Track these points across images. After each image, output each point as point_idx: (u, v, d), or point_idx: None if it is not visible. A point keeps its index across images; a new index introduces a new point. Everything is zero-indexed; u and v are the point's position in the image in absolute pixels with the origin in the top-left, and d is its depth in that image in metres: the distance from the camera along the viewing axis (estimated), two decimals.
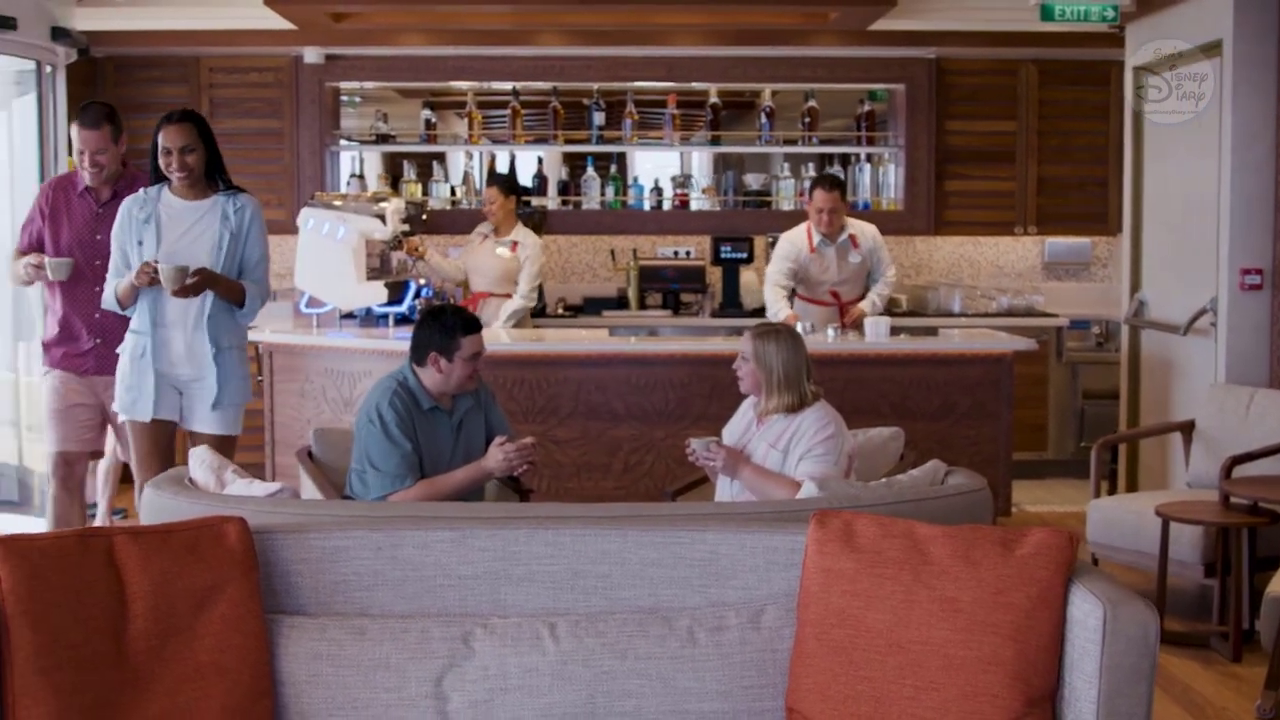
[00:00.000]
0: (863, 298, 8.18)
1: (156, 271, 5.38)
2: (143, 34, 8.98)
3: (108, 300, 5.60)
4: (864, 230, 8.13)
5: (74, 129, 6.00)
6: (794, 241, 8.09)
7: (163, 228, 5.56)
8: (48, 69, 6.91)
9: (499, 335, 8.02)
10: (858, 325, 7.91)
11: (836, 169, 9.98)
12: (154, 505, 3.70)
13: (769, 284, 8.06)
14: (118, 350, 5.77)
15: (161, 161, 5.55)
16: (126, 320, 5.73)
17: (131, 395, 5.65)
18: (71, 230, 6.07)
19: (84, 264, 6.03)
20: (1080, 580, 3.08)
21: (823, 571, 3.21)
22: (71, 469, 6.20)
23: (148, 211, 5.54)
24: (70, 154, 6.30)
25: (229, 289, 5.61)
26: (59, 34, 6.72)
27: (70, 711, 2.88)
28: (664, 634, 3.27)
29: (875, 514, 3.32)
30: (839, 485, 4.20)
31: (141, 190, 5.62)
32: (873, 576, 3.15)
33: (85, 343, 6.13)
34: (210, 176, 5.65)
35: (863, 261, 8.10)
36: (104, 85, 9.36)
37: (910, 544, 3.17)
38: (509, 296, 8.42)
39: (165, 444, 5.77)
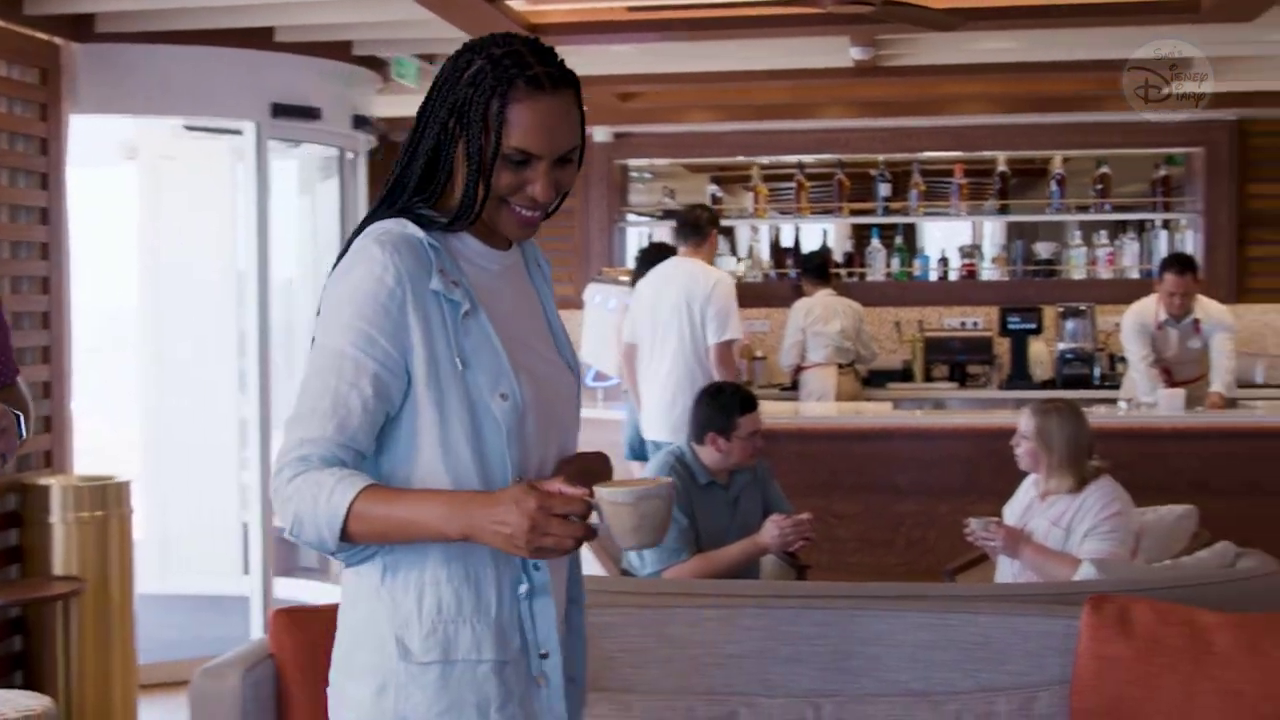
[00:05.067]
0: (1197, 380, 7.88)
1: (593, 507, 2.09)
2: None
3: (322, 517, 2.07)
4: (1209, 313, 7.81)
5: None
6: (1141, 316, 7.84)
7: (494, 318, 2.25)
8: (349, 155, 7.24)
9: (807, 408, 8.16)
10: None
11: (1131, 235, 9.72)
12: None
13: (1136, 368, 7.85)
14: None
15: (504, 185, 2.23)
16: None
17: None
18: None
19: None
20: None
21: (1097, 659, 3.11)
22: None
23: (460, 280, 2.23)
24: None
25: None
26: (360, 122, 7.04)
27: None
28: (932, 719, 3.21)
29: (1155, 599, 3.21)
30: (1118, 567, 4.06)
31: (397, 223, 2.22)
32: (1150, 665, 3.04)
33: None
34: None
35: (1202, 346, 7.83)
36: None
37: (1191, 632, 3.05)
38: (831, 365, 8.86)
39: None
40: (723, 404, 4.96)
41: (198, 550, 7.89)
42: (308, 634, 3.07)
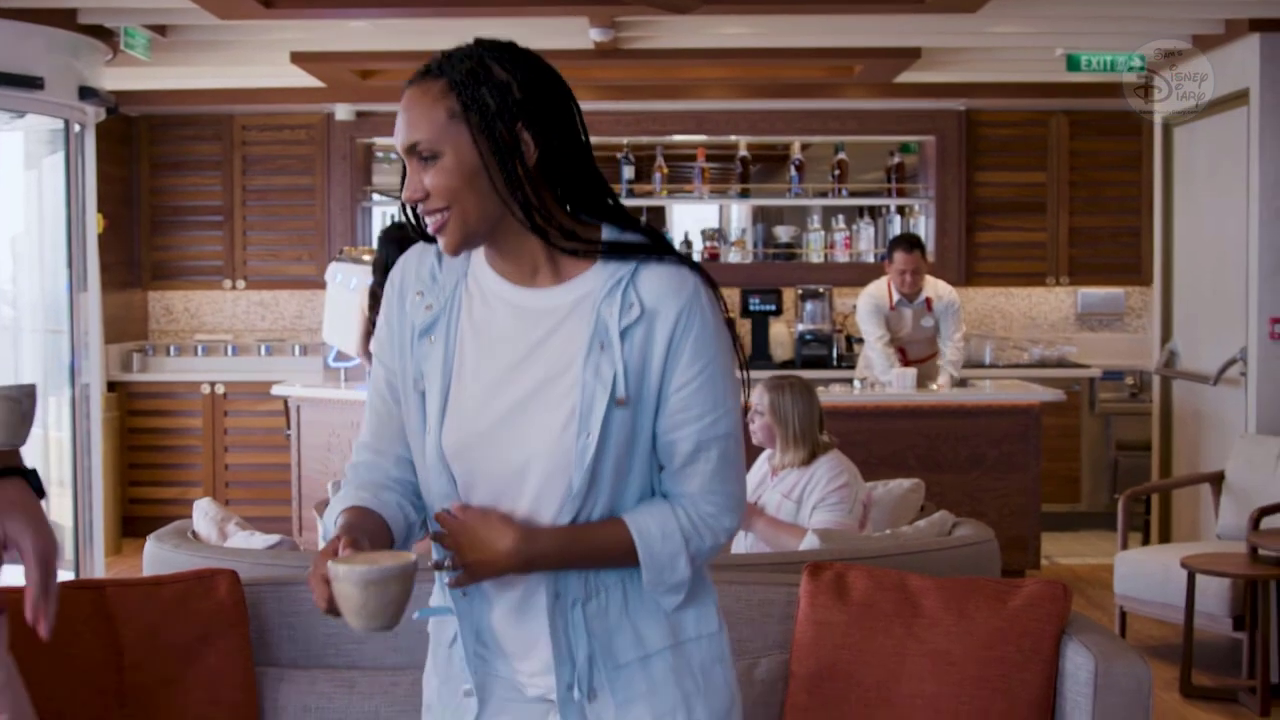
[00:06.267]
0: (929, 359, 8.11)
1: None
2: (176, 93, 9.10)
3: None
4: (940, 293, 8.06)
5: None
6: (876, 297, 8.04)
7: (460, 353, 2.15)
8: (76, 128, 6.95)
9: None
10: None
11: (866, 221, 9.98)
12: (155, 557, 3.71)
13: (873, 347, 8.02)
14: None
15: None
16: None
17: None
18: None
19: None
20: (1073, 633, 3.04)
21: (815, 624, 3.18)
22: None
23: (438, 302, 2.16)
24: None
25: (591, 550, 2.12)
26: (87, 93, 6.77)
27: None
28: None
29: (871, 566, 3.30)
30: (841, 536, 4.17)
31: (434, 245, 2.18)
32: (864, 629, 3.12)
33: None
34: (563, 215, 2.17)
35: (934, 325, 8.07)
36: (138, 143, 9.50)
37: (902, 596, 3.14)
38: None
39: None
40: None
41: None
42: (14, 611, 2.93)
